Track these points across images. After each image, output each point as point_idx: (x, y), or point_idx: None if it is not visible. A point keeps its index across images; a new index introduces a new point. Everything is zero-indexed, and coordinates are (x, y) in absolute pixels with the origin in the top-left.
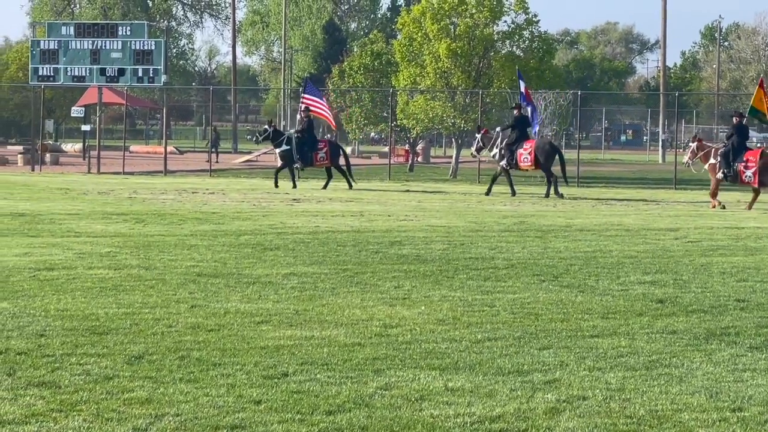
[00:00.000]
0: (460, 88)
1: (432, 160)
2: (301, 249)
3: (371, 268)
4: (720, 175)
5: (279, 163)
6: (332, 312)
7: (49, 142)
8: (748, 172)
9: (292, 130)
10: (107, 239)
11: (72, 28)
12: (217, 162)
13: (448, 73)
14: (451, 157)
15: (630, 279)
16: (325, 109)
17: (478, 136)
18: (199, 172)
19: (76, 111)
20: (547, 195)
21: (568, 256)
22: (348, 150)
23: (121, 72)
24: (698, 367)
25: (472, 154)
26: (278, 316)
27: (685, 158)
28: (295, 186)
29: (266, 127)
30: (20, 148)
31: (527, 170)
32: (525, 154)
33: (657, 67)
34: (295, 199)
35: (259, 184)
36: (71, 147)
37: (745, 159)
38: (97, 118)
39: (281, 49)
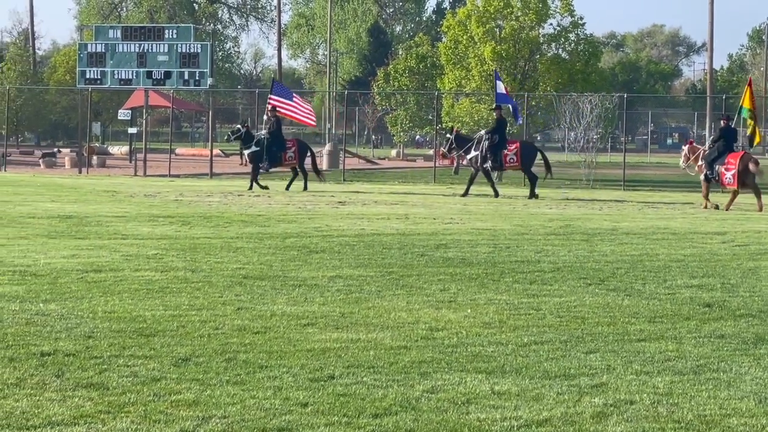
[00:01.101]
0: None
1: None
2: (346, 251)
3: (417, 271)
4: (702, 176)
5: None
6: (378, 315)
7: (96, 144)
8: (728, 174)
9: (263, 132)
10: (154, 241)
11: (119, 32)
12: (244, 164)
13: (494, 75)
14: None
15: (677, 283)
16: (295, 109)
17: (451, 136)
18: (244, 175)
19: (123, 114)
20: (531, 196)
21: (614, 259)
22: (392, 153)
23: (168, 75)
24: (747, 372)
25: (442, 153)
26: (324, 318)
27: (681, 162)
28: (251, 188)
29: (239, 126)
30: (68, 150)
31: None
32: (510, 154)
33: (704, 69)
34: (340, 202)
35: (302, 187)
36: (118, 149)
37: (726, 161)
38: (144, 121)
39: (326, 52)
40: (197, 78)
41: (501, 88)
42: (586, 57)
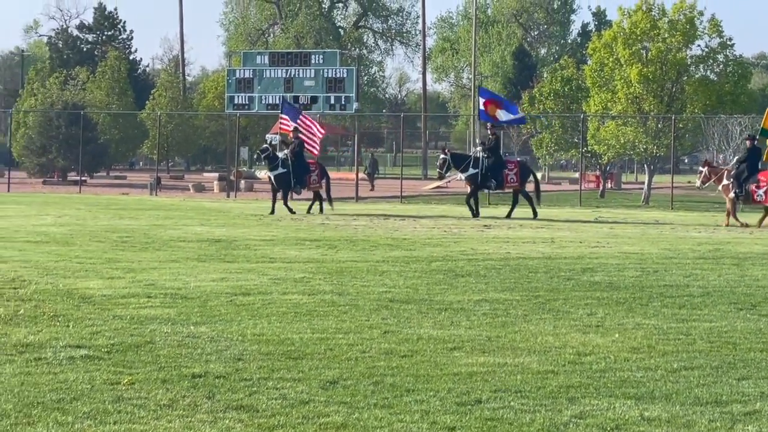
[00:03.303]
0: (652, 113)
1: (623, 186)
2: (492, 275)
3: (563, 295)
4: (732, 194)
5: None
6: (525, 339)
7: (244, 169)
8: (760, 191)
9: (285, 152)
10: (301, 265)
11: (266, 57)
12: (372, 189)
13: (640, 98)
14: (643, 182)
15: None
16: (308, 134)
17: (446, 156)
18: (390, 199)
19: (271, 138)
20: (510, 216)
21: (766, 284)
22: (539, 175)
23: (314, 99)
24: None
25: (439, 175)
26: (471, 342)
27: (698, 183)
28: (273, 212)
29: (267, 146)
30: (216, 175)
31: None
32: (511, 174)
33: None
34: (485, 226)
35: (448, 210)
36: (264, 174)
37: (757, 179)
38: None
39: (471, 76)
40: (343, 102)
41: (482, 105)
42: (735, 78)
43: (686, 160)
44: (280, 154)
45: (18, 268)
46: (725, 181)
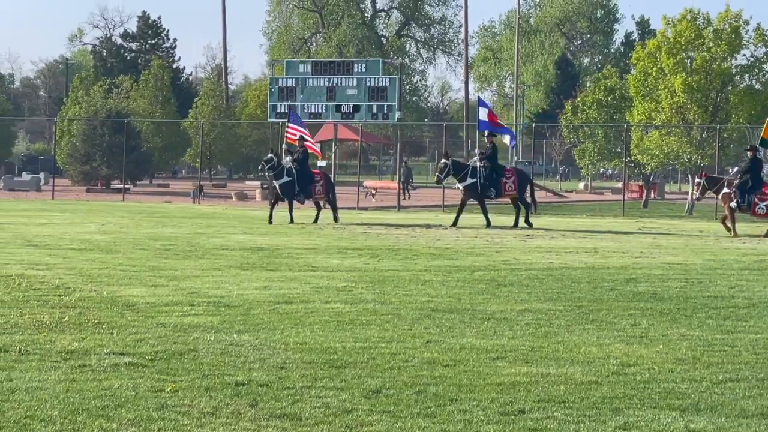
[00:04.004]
0: (696, 123)
1: (667, 196)
2: (535, 285)
3: (607, 306)
4: (734, 204)
5: (274, 196)
6: (568, 349)
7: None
8: (762, 204)
9: (288, 160)
10: (343, 273)
11: (309, 66)
12: (406, 198)
13: (684, 107)
14: (686, 193)
15: None
16: (312, 141)
17: (448, 162)
18: (432, 208)
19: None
20: (528, 222)
21: None
22: (580, 185)
23: (356, 108)
24: None
25: (436, 179)
26: (514, 352)
27: (696, 194)
28: (292, 221)
29: (271, 156)
30: (258, 183)
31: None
32: (509, 182)
33: None
34: (528, 235)
35: (491, 220)
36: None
37: (763, 191)
38: (332, 154)
39: (513, 85)
40: (385, 111)
41: (483, 115)
42: None
43: (731, 171)
44: (284, 163)
45: (63, 275)
46: (726, 190)
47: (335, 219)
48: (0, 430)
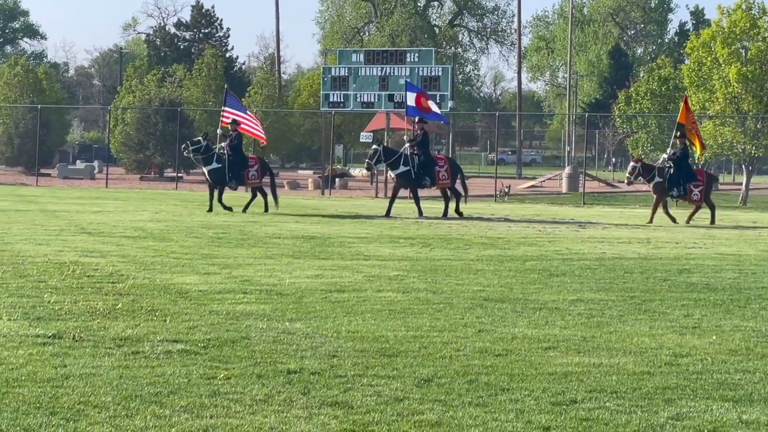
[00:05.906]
0: (751, 113)
1: (721, 187)
2: (587, 275)
3: (659, 296)
4: (674, 192)
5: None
6: (620, 339)
7: (338, 166)
8: (696, 191)
9: (222, 146)
10: (395, 263)
11: (362, 55)
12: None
13: (739, 98)
14: (740, 183)
15: None
16: (251, 124)
17: (378, 147)
18: (484, 198)
19: (365, 136)
20: (458, 212)
21: None
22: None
23: None
24: None
25: (367, 166)
26: (566, 342)
27: (630, 177)
28: (211, 210)
29: (200, 138)
30: (311, 172)
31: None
32: (443, 171)
33: None
34: (580, 225)
35: (543, 210)
36: (359, 172)
37: (696, 178)
38: (385, 144)
39: (566, 75)
40: (438, 101)
41: (411, 100)
42: None
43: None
44: (216, 148)
45: (116, 262)
46: (658, 179)
47: (275, 203)
48: (54, 415)
